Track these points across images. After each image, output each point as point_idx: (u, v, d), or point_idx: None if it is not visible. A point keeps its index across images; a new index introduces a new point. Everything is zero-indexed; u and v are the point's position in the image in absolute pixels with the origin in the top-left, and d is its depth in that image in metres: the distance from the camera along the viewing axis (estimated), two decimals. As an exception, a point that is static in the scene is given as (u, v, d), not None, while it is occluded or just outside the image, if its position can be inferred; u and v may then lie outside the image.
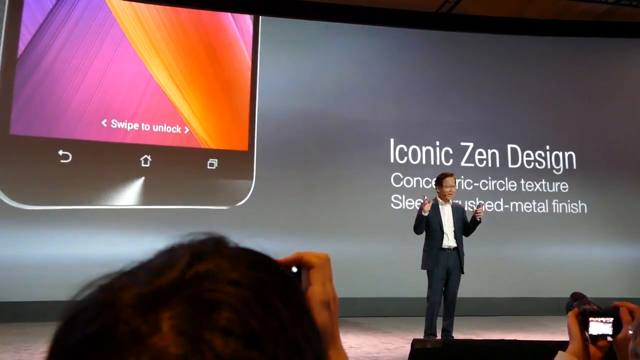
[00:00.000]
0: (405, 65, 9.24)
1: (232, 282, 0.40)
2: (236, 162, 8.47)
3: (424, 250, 5.97)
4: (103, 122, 8.10)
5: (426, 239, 5.97)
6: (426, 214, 5.81)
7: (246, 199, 8.38)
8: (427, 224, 5.91)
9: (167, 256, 0.43)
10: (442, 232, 5.89)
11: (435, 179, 6.32)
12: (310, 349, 0.41)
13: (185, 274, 0.40)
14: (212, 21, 8.71)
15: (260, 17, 8.89)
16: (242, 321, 0.38)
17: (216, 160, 8.39)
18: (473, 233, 6.07)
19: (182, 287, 0.39)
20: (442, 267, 5.84)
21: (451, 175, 6.17)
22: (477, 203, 5.99)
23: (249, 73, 8.73)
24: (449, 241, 5.91)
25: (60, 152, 7.89)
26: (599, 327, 1.34)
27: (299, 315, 0.42)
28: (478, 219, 5.94)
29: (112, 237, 7.66)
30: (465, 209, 6.42)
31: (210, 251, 0.43)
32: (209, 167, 8.34)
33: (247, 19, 8.85)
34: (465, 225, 6.04)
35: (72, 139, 7.95)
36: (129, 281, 0.41)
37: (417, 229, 5.97)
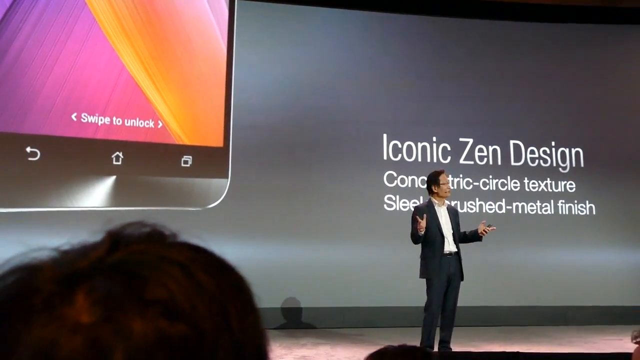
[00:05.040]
0: (400, 54, 9.20)
1: (160, 258, 0.41)
2: (211, 160, 8.42)
3: (422, 257, 5.91)
4: (73, 116, 8.01)
5: (424, 245, 5.91)
6: (422, 233, 5.78)
7: (221, 199, 8.34)
8: (425, 229, 5.87)
9: (94, 242, 0.43)
10: (442, 237, 5.87)
11: (427, 178, 6.28)
12: (243, 328, 0.41)
13: (108, 256, 0.41)
14: (186, 6, 8.65)
15: (236, 0, 8.80)
16: (167, 293, 0.39)
17: (191, 157, 8.31)
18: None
19: (104, 267, 0.40)
20: (444, 274, 5.80)
21: (443, 172, 6.19)
22: (489, 224, 5.89)
23: (224, 62, 8.66)
24: (450, 246, 5.87)
25: (28, 149, 7.81)
26: None
27: (232, 293, 0.42)
28: (480, 237, 5.94)
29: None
30: (464, 210, 6.42)
31: (140, 238, 0.43)
32: (183, 165, 8.29)
33: (221, 3, 8.77)
34: (460, 232, 6.04)
35: (41, 135, 7.86)
36: (47, 263, 0.41)
37: (416, 241, 5.95)
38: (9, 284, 0.40)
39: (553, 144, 9.38)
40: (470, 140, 9.16)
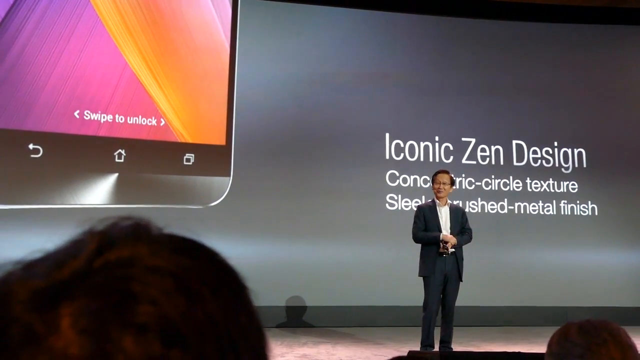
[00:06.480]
0: (402, 54, 9.20)
1: (150, 269, 0.37)
2: (213, 158, 8.43)
3: (420, 256, 5.97)
4: (75, 113, 8.03)
5: (423, 243, 5.97)
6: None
7: (223, 197, 8.35)
8: (425, 228, 5.92)
9: (74, 244, 0.39)
10: None
11: None
12: (247, 347, 0.38)
13: (92, 262, 0.37)
14: (189, 4, 8.64)
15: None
16: (160, 314, 0.35)
17: (193, 155, 8.34)
18: (474, 235, 6.10)
19: (88, 278, 0.36)
20: (440, 273, 5.83)
21: (443, 172, 6.15)
22: (445, 242, 5.82)
23: (227, 60, 8.67)
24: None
25: (31, 146, 7.82)
26: None
27: (234, 308, 0.39)
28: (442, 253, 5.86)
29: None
30: (466, 210, 6.42)
31: (126, 236, 0.39)
32: (185, 163, 8.31)
33: (225, 0, 8.73)
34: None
35: (44, 132, 7.88)
36: (24, 275, 0.37)
37: (418, 241, 5.98)
38: None
39: (556, 144, 9.38)
40: (473, 140, 9.16)
